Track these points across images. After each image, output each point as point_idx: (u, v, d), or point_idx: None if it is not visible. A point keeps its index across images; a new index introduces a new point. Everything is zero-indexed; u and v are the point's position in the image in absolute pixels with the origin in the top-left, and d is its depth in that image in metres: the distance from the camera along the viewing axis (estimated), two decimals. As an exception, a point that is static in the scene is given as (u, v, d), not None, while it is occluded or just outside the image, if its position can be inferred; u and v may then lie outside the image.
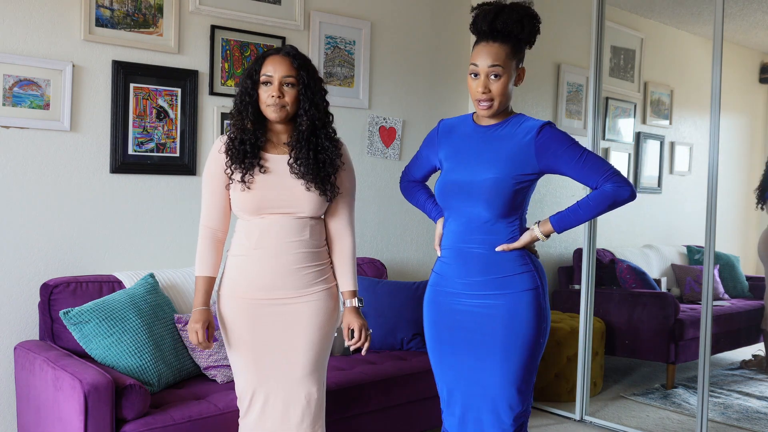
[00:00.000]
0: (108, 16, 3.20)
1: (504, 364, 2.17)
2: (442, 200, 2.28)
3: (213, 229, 2.35)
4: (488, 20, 2.12)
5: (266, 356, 2.29)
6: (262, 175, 2.25)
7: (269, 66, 2.24)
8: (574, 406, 4.02)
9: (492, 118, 2.22)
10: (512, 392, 2.19)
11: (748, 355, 4.52)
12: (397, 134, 4.22)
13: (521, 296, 2.16)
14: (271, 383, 2.29)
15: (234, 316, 2.31)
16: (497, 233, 2.18)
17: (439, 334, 2.31)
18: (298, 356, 2.29)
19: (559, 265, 4.77)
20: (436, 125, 2.40)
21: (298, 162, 2.24)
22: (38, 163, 3.06)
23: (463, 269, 2.22)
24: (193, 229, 3.48)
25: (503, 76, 2.13)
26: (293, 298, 2.28)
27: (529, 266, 2.19)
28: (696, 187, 4.36)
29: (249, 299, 2.28)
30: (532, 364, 2.21)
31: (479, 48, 2.15)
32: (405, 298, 3.60)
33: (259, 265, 2.27)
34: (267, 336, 2.29)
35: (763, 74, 4.48)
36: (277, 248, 2.26)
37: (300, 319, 2.29)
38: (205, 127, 3.51)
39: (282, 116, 2.25)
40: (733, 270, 4.44)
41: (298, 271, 2.28)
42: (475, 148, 2.23)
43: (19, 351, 2.85)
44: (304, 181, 2.25)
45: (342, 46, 3.99)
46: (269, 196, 2.25)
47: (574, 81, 4.76)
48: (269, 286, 2.27)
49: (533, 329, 2.17)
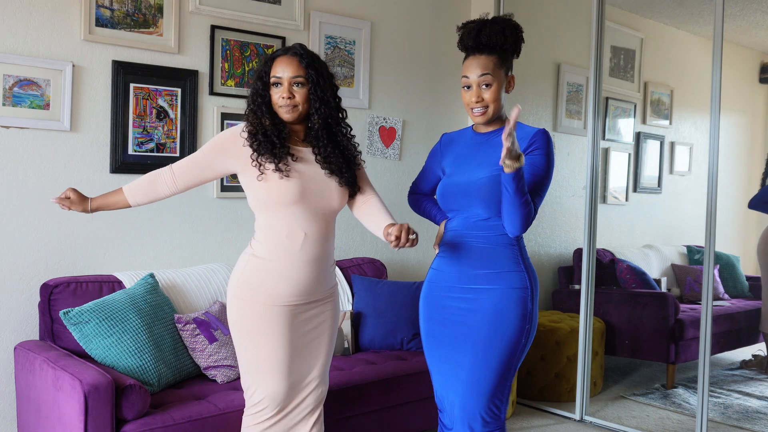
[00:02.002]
0: (108, 16, 3.20)
1: (483, 362, 2.20)
2: (443, 202, 2.39)
3: (171, 177, 2.30)
4: (473, 36, 2.27)
5: (298, 361, 2.31)
6: (296, 163, 2.25)
7: (278, 67, 2.24)
8: (574, 406, 4.02)
9: (489, 126, 2.35)
10: (485, 401, 2.21)
11: (748, 355, 4.52)
12: (397, 134, 4.22)
13: (509, 293, 2.21)
14: (296, 388, 2.32)
15: (271, 321, 2.27)
16: (495, 229, 2.26)
17: (430, 329, 2.36)
18: (320, 355, 2.35)
19: (559, 265, 4.77)
20: (439, 139, 2.53)
21: (329, 159, 2.26)
22: (38, 163, 3.06)
23: (459, 262, 2.29)
24: (193, 229, 3.49)
25: (493, 84, 2.25)
26: (324, 300, 2.35)
27: (521, 266, 2.25)
28: (696, 187, 4.36)
29: (288, 304, 2.28)
30: (510, 365, 2.23)
31: (468, 62, 2.29)
32: (405, 298, 3.60)
33: (302, 271, 2.26)
34: (301, 340, 2.31)
35: (763, 74, 4.48)
36: (315, 251, 2.27)
37: (326, 318, 2.36)
38: (205, 127, 3.51)
39: (295, 116, 2.26)
40: (733, 270, 4.44)
41: (326, 270, 2.34)
42: (471, 152, 2.35)
43: (19, 351, 2.85)
44: (337, 177, 2.28)
45: (342, 46, 3.99)
46: (310, 186, 2.25)
47: (574, 81, 4.76)
48: (310, 291, 2.29)
49: (516, 328, 2.21)
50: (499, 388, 2.23)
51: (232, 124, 3.57)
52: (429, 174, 2.55)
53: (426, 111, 4.38)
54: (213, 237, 3.56)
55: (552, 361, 4.12)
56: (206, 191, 3.53)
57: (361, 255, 4.05)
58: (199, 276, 3.28)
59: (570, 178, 4.58)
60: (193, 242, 3.49)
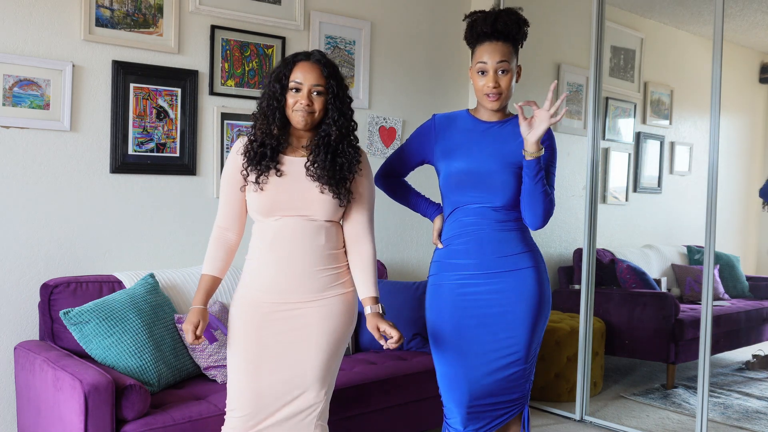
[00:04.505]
0: (108, 16, 3.20)
1: (522, 333, 2.34)
2: (452, 191, 2.38)
3: (223, 229, 2.34)
4: (489, 22, 2.28)
5: (269, 361, 2.25)
6: (276, 177, 2.24)
7: (299, 72, 2.22)
8: (574, 406, 4.02)
9: (493, 114, 2.37)
10: (523, 367, 2.38)
11: (748, 355, 4.52)
12: (397, 134, 4.23)
13: (527, 272, 2.34)
14: (272, 396, 2.25)
15: (243, 320, 2.29)
16: (507, 215, 2.34)
17: (457, 321, 2.36)
18: (307, 361, 2.25)
19: (559, 265, 4.77)
20: (431, 119, 2.48)
21: (315, 165, 2.24)
22: (38, 163, 3.06)
23: (479, 250, 2.34)
24: (193, 229, 3.49)
25: (509, 71, 2.30)
26: (306, 302, 2.26)
27: (530, 246, 2.39)
28: (696, 187, 4.36)
29: (262, 303, 2.27)
30: (540, 334, 2.40)
31: (485, 47, 2.30)
32: (405, 298, 3.60)
33: (274, 268, 2.25)
34: (273, 342, 2.26)
35: (763, 74, 4.48)
36: (290, 251, 2.24)
37: (309, 323, 2.26)
38: (205, 127, 3.51)
39: (308, 123, 2.24)
40: (733, 270, 4.44)
41: (313, 275, 2.26)
42: (478, 141, 2.37)
43: (19, 351, 2.85)
44: (318, 183, 2.23)
45: (342, 46, 3.99)
46: (281, 198, 2.24)
47: (574, 81, 4.76)
48: (283, 290, 2.25)
49: (539, 300, 2.36)
50: (535, 359, 2.40)
51: (231, 124, 3.57)
52: (413, 155, 2.50)
53: (426, 111, 4.37)
54: (213, 237, 3.55)
55: (552, 361, 4.12)
56: (206, 191, 3.53)
57: (361, 255, 4.05)
58: (199, 276, 3.28)
59: (570, 178, 4.58)
60: (193, 242, 3.49)
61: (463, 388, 2.33)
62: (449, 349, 2.36)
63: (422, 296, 3.48)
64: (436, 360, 2.41)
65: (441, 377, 2.40)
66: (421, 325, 3.53)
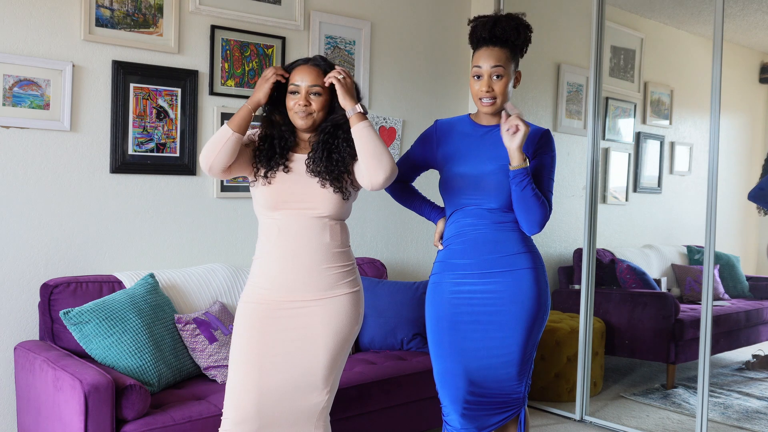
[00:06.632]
0: (108, 16, 3.20)
1: (516, 334, 2.35)
2: (450, 194, 2.43)
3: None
4: (488, 28, 2.33)
5: (273, 363, 2.24)
6: (283, 173, 2.30)
7: (297, 75, 2.29)
8: (574, 406, 4.02)
9: (492, 118, 2.41)
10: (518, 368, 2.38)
11: (747, 355, 4.52)
12: (397, 134, 4.22)
13: (524, 273, 2.36)
14: (273, 396, 2.25)
15: (248, 318, 2.29)
16: (503, 217, 2.37)
17: (455, 319, 2.38)
18: (312, 361, 2.26)
19: (559, 265, 4.77)
20: (433, 125, 2.54)
21: (313, 161, 2.30)
22: (38, 163, 3.06)
23: (474, 250, 2.37)
24: (193, 229, 3.49)
25: (504, 76, 2.33)
26: (311, 301, 2.26)
27: (529, 247, 2.40)
28: (696, 187, 4.36)
29: (267, 301, 2.27)
30: (536, 337, 2.41)
31: (481, 52, 2.35)
32: (405, 298, 3.60)
33: (280, 263, 2.28)
34: (278, 340, 2.25)
35: (763, 74, 4.48)
36: (296, 246, 2.27)
37: (315, 322, 2.26)
38: (205, 127, 3.51)
39: (309, 124, 2.30)
40: (733, 270, 4.43)
41: (319, 272, 2.27)
42: (476, 145, 2.41)
43: (19, 351, 2.85)
44: (319, 178, 2.28)
45: (342, 46, 3.99)
46: (285, 190, 2.29)
47: (574, 81, 4.76)
48: (290, 286, 2.26)
49: (537, 301, 2.36)
50: (530, 361, 2.41)
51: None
52: (417, 160, 2.56)
53: (426, 111, 4.38)
54: (213, 237, 3.56)
55: (552, 361, 4.12)
56: (206, 191, 3.53)
57: (361, 255, 4.05)
58: (199, 276, 3.28)
59: (570, 178, 4.58)
60: (193, 242, 3.49)
61: (458, 382, 2.35)
62: (444, 345, 2.38)
63: (422, 296, 3.48)
64: (433, 357, 2.44)
65: (437, 374, 2.42)
66: (421, 325, 3.53)
